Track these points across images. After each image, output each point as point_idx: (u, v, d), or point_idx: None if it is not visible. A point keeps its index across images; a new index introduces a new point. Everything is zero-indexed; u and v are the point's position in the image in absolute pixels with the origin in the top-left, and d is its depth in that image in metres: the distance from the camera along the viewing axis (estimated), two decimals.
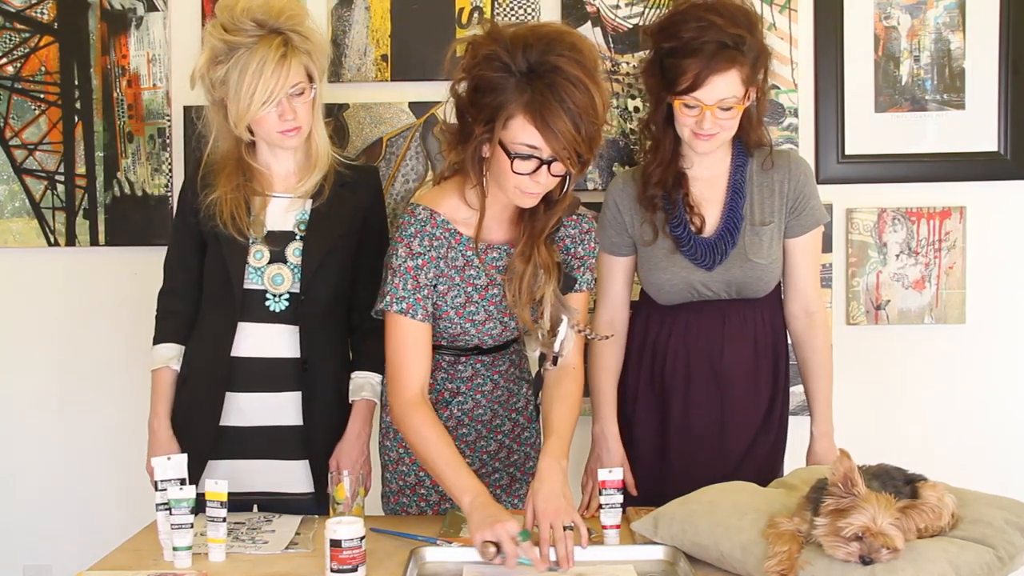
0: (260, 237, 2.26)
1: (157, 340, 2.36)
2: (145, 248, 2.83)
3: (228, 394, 2.27)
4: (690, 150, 2.28)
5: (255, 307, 2.27)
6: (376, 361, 2.31)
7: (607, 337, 2.31)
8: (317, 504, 2.29)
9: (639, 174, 2.35)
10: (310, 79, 2.24)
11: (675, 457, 2.35)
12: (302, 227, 2.28)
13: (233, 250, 2.26)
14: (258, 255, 2.27)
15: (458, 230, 2.13)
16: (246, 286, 2.27)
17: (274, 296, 2.27)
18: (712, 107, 2.16)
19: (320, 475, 2.28)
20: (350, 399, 2.34)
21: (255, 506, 2.33)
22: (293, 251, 2.28)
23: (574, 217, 2.21)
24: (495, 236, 2.16)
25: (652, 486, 2.33)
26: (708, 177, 2.32)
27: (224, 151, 2.31)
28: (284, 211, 2.30)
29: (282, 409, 2.29)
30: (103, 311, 2.96)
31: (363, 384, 2.34)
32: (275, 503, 2.30)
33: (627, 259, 2.39)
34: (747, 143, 2.32)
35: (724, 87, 2.15)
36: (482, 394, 2.28)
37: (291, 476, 2.32)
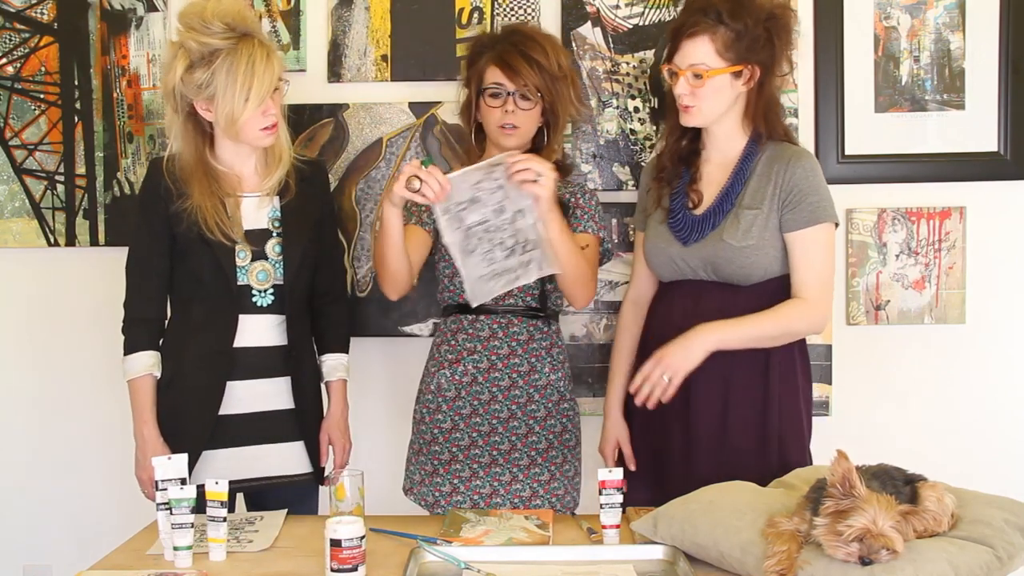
0: (240, 238, 2.32)
1: (132, 349, 2.35)
2: None
3: (227, 383, 2.33)
4: (705, 133, 2.34)
5: (244, 302, 2.34)
6: (343, 342, 2.52)
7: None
8: (316, 483, 2.45)
9: None
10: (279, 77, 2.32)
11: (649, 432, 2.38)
12: (276, 224, 2.36)
13: (224, 252, 2.31)
14: (241, 255, 2.33)
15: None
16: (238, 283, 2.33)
17: (260, 292, 2.34)
18: (684, 72, 2.22)
19: (315, 454, 2.42)
20: (326, 380, 2.49)
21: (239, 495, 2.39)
22: (272, 247, 2.35)
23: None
24: None
25: (653, 482, 2.35)
26: (720, 161, 2.35)
27: (188, 158, 2.34)
28: (256, 210, 2.36)
29: (275, 395, 2.37)
30: (103, 311, 2.94)
31: (336, 365, 2.49)
32: (276, 486, 2.38)
33: None
34: (759, 133, 2.32)
35: (693, 52, 2.22)
36: (498, 356, 2.38)
37: (289, 458, 2.40)
